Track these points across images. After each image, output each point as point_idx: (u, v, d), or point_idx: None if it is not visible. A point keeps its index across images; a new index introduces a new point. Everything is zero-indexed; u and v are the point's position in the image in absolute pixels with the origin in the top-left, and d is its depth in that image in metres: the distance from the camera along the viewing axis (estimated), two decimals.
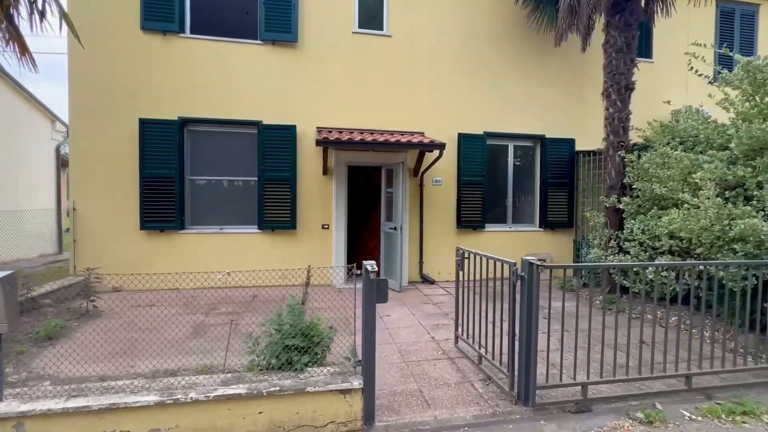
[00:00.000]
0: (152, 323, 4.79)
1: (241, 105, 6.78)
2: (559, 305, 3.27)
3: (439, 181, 7.50)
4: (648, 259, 5.40)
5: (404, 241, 6.98)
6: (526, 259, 3.04)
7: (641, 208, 5.70)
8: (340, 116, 7.11)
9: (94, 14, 6.29)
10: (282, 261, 6.92)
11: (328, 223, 7.08)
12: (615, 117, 5.89)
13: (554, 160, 7.92)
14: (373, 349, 2.80)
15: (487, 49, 7.67)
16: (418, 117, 7.40)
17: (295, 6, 6.81)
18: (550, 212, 7.93)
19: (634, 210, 5.72)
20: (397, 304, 5.86)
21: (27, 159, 9.53)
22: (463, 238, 7.59)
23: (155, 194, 6.43)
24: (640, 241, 5.51)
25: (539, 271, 2.94)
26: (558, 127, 7.95)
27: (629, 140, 6.00)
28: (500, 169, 8.04)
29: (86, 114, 6.29)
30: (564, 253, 8.00)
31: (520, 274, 3.07)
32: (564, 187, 7.96)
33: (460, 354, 4.05)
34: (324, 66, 7.04)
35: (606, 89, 6.04)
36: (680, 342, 3.53)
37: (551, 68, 7.92)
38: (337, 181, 7.06)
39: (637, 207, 5.73)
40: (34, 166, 9.79)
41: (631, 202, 5.72)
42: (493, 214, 7.98)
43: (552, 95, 7.94)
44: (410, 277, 7.39)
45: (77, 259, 6.35)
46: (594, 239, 6.44)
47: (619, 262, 5.56)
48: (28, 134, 9.57)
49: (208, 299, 5.98)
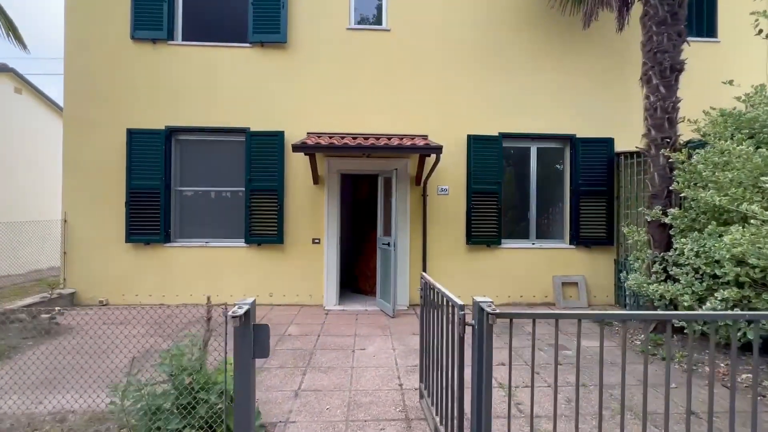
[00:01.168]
0: (104, 346, 4.44)
1: (229, 112, 6.43)
2: (593, 344, 2.27)
3: (446, 190, 6.56)
4: (705, 291, 4.06)
5: (397, 259, 6.13)
6: (478, 301, 2.12)
7: (695, 222, 4.36)
8: (334, 120, 6.49)
9: (89, 26, 6.32)
10: (268, 278, 6.39)
11: (320, 237, 6.44)
12: (657, 107, 4.63)
13: (588, 163, 6.63)
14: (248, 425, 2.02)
15: (502, 39, 6.67)
16: (423, 118, 6.56)
17: (284, 4, 6.37)
18: (584, 226, 6.62)
19: (684, 225, 4.40)
20: (381, 335, 5.01)
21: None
22: (474, 256, 6.56)
23: (141, 206, 6.24)
24: (694, 267, 4.18)
25: (492, 321, 2.00)
26: (592, 125, 6.67)
27: (677, 135, 4.68)
28: (521, 176, 6.90)
29: (78, 125, 6.29)
30: (602, 275, 6.62)
31: (469, 322, 2.15)
32: (601, 196, 6.62)
33: (421, 415, 3.13)
34: (316, 67, 6.49)
35: (645, 73, 4.80)
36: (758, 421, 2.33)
37: (581, 55, 6.70)
38: (329, 191, 6.41)
39: (690, 221, 4.39)
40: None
41: (681, 214, 4.40)
42: (512, 228, 6.85)
43: (583, 87, 6.70)
44: (411, 299, 6.48)
45: (67, 271, 6.30)
46: (634, 261, 5.13)
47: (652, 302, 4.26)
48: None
49: (183, 318, 5.56)
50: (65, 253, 6.30)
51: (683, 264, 4.30)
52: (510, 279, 6.59)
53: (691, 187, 4.26)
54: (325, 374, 3.80)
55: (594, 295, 6.66)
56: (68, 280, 6.29)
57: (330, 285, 6.40)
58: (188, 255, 6.38)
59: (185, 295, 6.33)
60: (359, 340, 4.82)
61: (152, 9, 6.30)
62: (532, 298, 6.61)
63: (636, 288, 4.79)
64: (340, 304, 6.47)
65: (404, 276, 6.45)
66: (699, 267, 4.09)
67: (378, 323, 5.49)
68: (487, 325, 1.98)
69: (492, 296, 6.47)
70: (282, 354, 4.30)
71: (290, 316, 5.77)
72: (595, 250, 6.67)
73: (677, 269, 4.33)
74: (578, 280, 6.62)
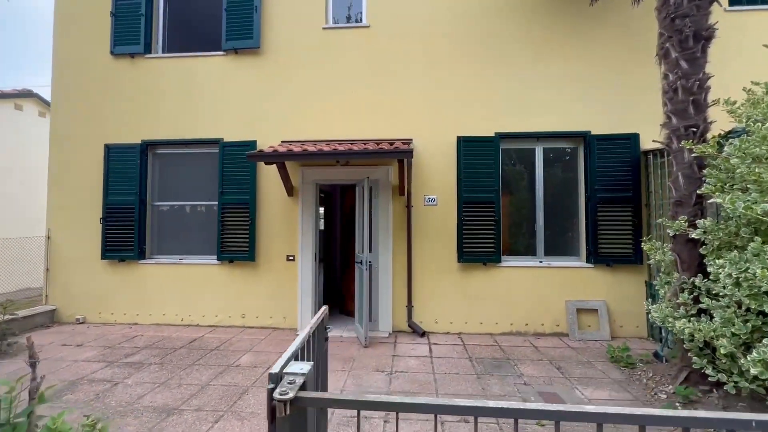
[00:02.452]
0: (38, 373, 4.18)
1: (205, 123, 6.16)
2: (599, 396, 1.52)
3: (434, 200, 5.76)
4: (750, 334, 2.93)
5: (378, 279, 5.42)
6: (275, 373, 1.35)
7: (735, 237, 3.22)
8: (311, 127, 5.99)
9: (74, 45, 6.41)
10: (240, 298, 5.94)
11: (294, 254, 5.89)
12: (678, 87, 3.58)
13: (607, 165, 5.52)
14: None
15: (497, 28, 5.83)
16: (408, 121, 5.86)
17: (257, 8, 6.04)
18: (604, 240, 5.47)
19: (719, 241, 3.27)
20: (340, 369, 4.29)
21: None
22: (468, 276, 5.65)
23: (116, 222, 6.11)
24: (735, 299, 3.05)
25: (282, 414, 1.22)
26: (611, 119, 5.57)
27: (707, 122, 3.57)
28: (524, 182, 5.92)
29: (63, 143, 6.34)
30: (629, 300, 5.41)
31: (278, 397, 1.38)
32: (625, 204, 5.46)
33: None
34: (291, 72, 6.06)
35: (661, 45, 3.77)
36: None
37: (592, 40, 5.67)
38: (304, 203, 5.88)
39: (728, 236, 3.26)
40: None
41: (714, 226, 3.29)
42: (514, 243, 5.87)
43: (597, 76, 5.64)
44: (395, 325, 5.70)
45: (49, 288, 6.29)
46: (660, 287, 3.99)
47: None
48: None
49: (140, 341, 5.24)
50: (48, 270, 6.30)
51: (720, 294, 3.17)
52: (512, 303, 5.59)
53: (725, 190, 3.15)
54: (241, 423, 3.17)
55: (620, 324, 5.45)
56: (50, 297, 6.27)
57: (305, 307, 5.80)
58: (162, 272, 6.11)
59: (158, 314, 6.05)
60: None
61: (130, 24, 6.26)
62: (540, 327, 5.55)
63: (660, 322, 3.68)
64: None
65: (386, 298, 5.70)
66: (740, 299, 2.97)
67: (345, 354, 4.78)
68: (282, 422, 1.20)
69: (490, 324, 5.54)
70: (209, 392, 3.73)
71: (254, 342, 5.24)
72: (620, 269, 5.48)
73: (711, 301, 3.21)
74: (598, 307, 5.45)
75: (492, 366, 4.39)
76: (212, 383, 3.93)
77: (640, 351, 4.84)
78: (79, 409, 3.29)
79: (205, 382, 3.96)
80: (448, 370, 4.27)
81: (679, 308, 3.56)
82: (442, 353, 4.82)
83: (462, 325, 5.64)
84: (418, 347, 5.06)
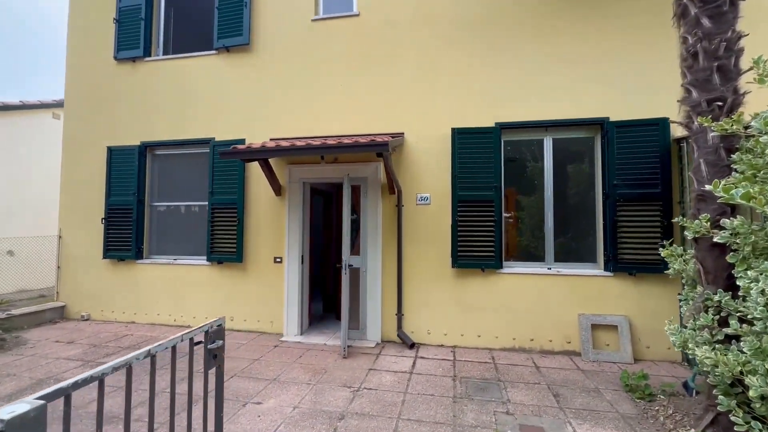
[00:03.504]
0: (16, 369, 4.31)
1: (199, 123, 6.14)
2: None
3: (426, 198, 5.25)
4: None
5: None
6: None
7: None
8: (299, 123, 5.74)
9: (84, 51, 6.68)
10: (229, 300, 5.80)
11: (281, 256, 5.65)
12: (699, 50, 2.83)
13: (629, 156, 4.70)
14: None
15: (497, 7, 5.22)
16: (401, 113, 5.42)
17: (247, 3, 5.91)
18: (626, 245, 4.66)
19: (752, 247, 2.50)
20: (306, 382, 3.93)
21: None
22: (464, 283, 5.07)
23: (116, 222, 6.24)
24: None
25: None
26: (634, 102, 4.75)
27: (739, 94, 2.78)
28: (530, 177, 5.23)
29: (73, 146, 6.62)
30: (658, 315, 4.54)
31: None
32: (651, 202, 4.60)
33: None
34: (280, 67, 5.86)
35: (678, 2, 3.03)
36: None
37: (607, 16, 4.88)
38: (291, 203, 5.62)
39: (765, 241, 2.48)
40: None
41: (746, 227, 2.52)
42: (518, 246, 5.19)
43: (614, 54, 4.84)
44: (385, 334, 5.26)
45: (60, 285, 6.56)
46: (683, 303, 3.21)
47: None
48: None
49: (126, 341, 5.25)
50: (59, 268, 6.59)
51: (754, 317, 2.41)
52: (515, 315, 4.92)
53: (758, 180, 2.39)
54: None
55: (646, 345, 4.60)
56: (60, 294, 6.54)
57: (291, 311, 5.53)
58: (157, 272, 6.15)
59: (153, 314, 6.09)
60: (270, 388, 3.83)
61: (132, 28, 6.41)
62: (547, 343, 4.83)
63: (678, 347, 2.93)
64: (304, 333, 5.56)
65: (375, 305, 5.28)
66: None
67: (319, 365, 4.42)
68: None
69: (489, 338, 4.94)
70: (157, 401, 3.53)
71: (233, 347, 5.04)
72: (645, 279, 4.63)
73: (739, 326, 2.46)
74: (618, 322, 4.63)
75: (476, 388, 3.81)
76: (167, 391, 3.74)
77: (667, 379, 4.01)
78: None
79: (162, 389, 3.77)
80: (423, 390, 3.76)
81: (702, 331, 2.80)
82: (425, 369, 4.31)
83: (457, 338, 5.07)
84: (401, 360, 4.58)
